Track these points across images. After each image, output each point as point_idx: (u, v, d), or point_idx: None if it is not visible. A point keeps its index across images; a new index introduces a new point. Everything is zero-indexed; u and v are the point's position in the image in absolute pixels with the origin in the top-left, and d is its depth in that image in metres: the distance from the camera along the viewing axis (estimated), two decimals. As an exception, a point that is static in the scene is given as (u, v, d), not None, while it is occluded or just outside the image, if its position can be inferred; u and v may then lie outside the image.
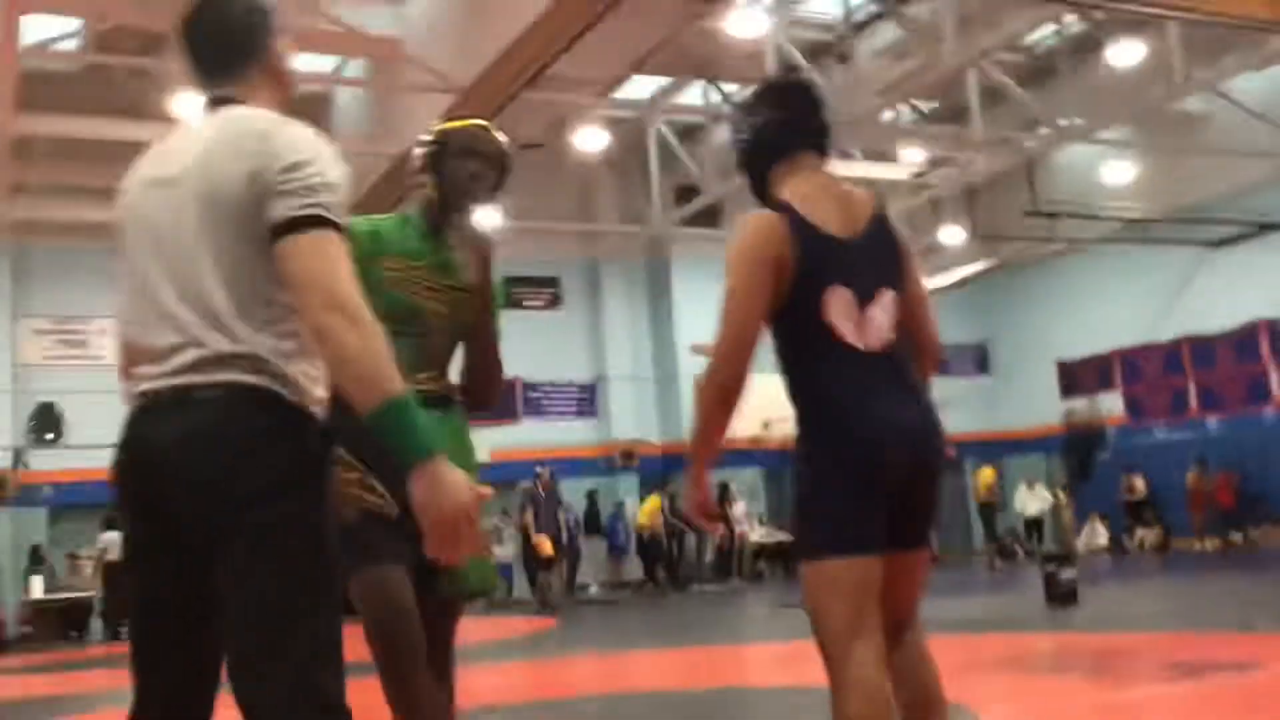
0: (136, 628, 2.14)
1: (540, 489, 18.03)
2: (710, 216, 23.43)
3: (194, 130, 2.18)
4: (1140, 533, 21.47)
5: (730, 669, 8.49)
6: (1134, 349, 23.22)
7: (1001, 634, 8.94)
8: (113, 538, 17.33)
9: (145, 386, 2.08)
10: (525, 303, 22.02)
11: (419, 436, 1.96)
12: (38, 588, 18.06)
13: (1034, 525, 22.12)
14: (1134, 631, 8.48)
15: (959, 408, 26.33)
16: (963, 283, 22.74)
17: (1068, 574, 10.88)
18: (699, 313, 4.09)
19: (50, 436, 19.67)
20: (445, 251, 3.05)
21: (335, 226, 2.02)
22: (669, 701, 6.92)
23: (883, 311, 2.83)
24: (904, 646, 2.84)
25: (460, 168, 3.03)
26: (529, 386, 22.21)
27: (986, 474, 20.55)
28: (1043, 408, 24.95)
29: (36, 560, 18.28)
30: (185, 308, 2.04)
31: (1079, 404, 24.25)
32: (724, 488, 19.29)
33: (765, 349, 2.91)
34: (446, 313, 3.02)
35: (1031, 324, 25.53)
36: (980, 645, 8.30)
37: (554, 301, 23.55)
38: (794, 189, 2.87)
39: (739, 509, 21.08)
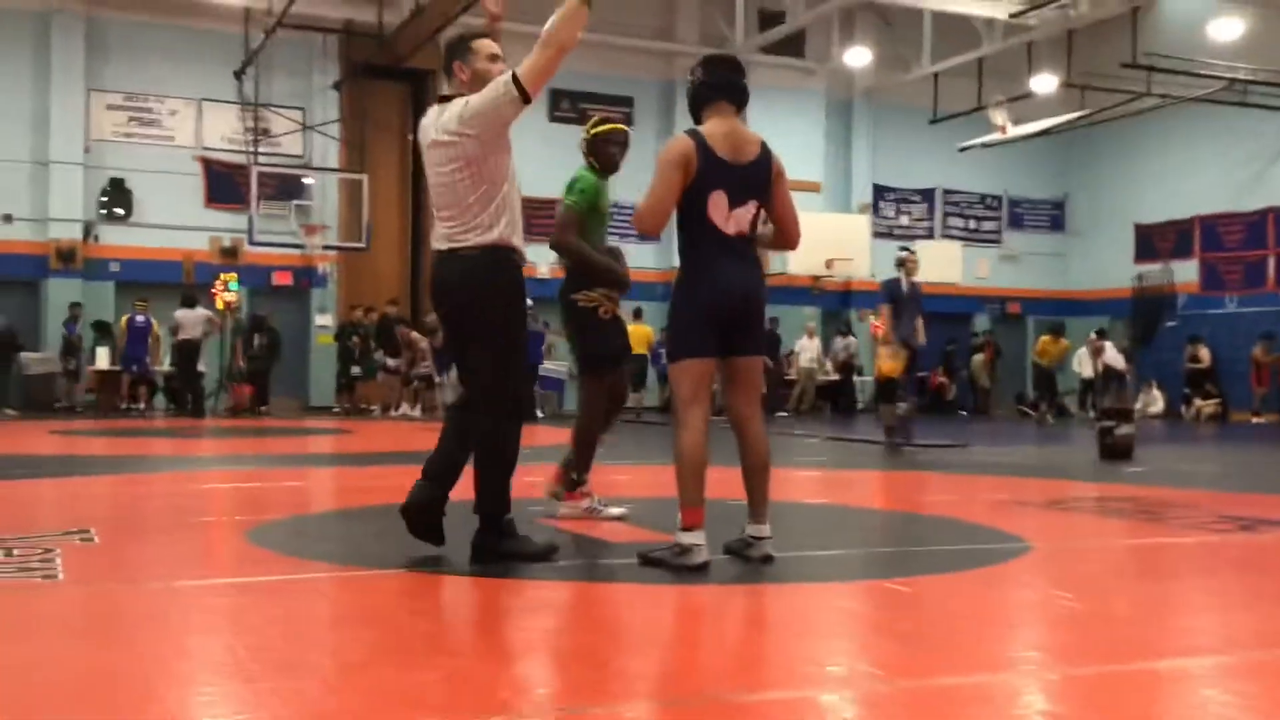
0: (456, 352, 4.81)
1: (905, 279, 11.96)
2: (794, 45, 22.71)
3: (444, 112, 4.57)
4: (1198, 402, 21.20)
5: (780, 488, 8.53)
6: (1216, 216, 22.54)
7: (1052, 480, 8.89)
8: (188, 315, 17.51)
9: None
10: (597, 120, 21.66)
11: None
12: (103, 358, 18.48)
13: (1090, 386, 21.91)
14: (1187, 488, 8.39)
15: (1029, 265, 25.89)
16: (1046, 132, 21.98)
17: (1124, 430, 10.77)
18: (776, 146, 4.10)
19: (121, 212, 19.84)
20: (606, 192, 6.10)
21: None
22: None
23: (745, 213, 4.56)
24: (750, 430, 4.61)
25: (608, 153, 6.12)
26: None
27: (1051, 343, 20.08)
28: (1114, 270, 24.44)
29: (103, 332, 18.62)
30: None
31: (1152, 269, 23.71)
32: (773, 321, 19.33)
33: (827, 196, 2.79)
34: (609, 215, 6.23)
35: (1113, 182, 24.81)
36: (1029, 486, 8.28)
37: (625, 121, 23.07)
38: (709, 126, 4.60)
39: (811, 346, 21.84)
